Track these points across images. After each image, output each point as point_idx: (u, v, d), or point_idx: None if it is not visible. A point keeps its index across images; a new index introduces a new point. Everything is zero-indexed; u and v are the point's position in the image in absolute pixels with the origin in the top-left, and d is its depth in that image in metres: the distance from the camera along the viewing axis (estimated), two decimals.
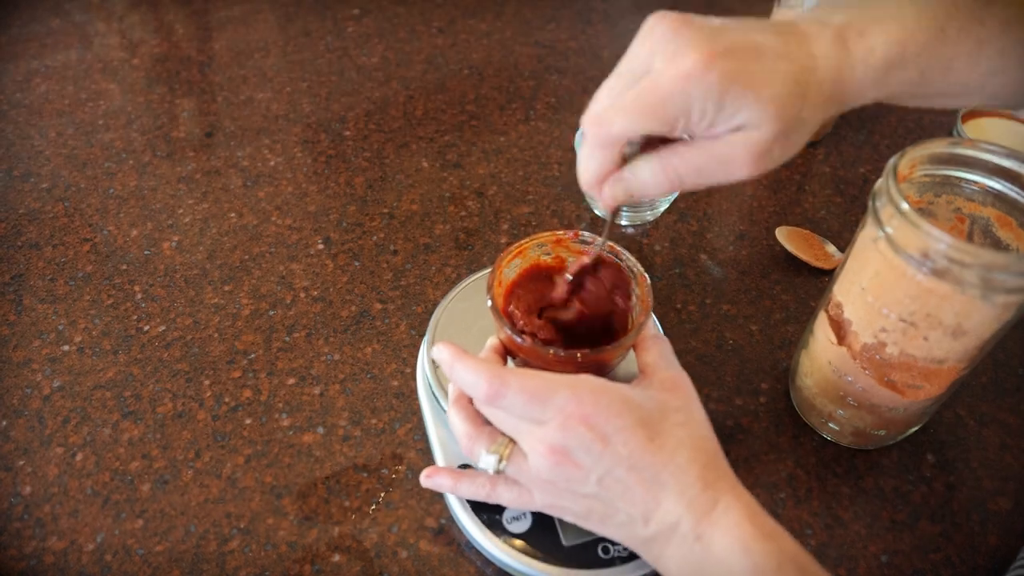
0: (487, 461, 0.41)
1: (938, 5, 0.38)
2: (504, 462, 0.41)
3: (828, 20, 0.37)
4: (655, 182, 0.38)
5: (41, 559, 0.47)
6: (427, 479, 0.46)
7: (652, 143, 0.39)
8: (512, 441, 0.41)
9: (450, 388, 0.45)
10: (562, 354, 0.43)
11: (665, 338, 0.46)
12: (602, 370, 0.46)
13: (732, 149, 0.36)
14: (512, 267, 0.49)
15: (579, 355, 0.43)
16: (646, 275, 0.47)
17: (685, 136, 0.38)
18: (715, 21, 0.36)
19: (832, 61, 0.37)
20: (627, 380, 0.44)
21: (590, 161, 0.39)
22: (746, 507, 0.37)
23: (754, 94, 0.34)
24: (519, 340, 0.43)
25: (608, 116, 0.36)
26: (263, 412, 0.55)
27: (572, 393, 0.38)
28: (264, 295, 0.63)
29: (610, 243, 0.49)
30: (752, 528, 0.36)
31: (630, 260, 0.48)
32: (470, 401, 0.44)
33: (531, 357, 0.44)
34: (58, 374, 0.57)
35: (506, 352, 0.46)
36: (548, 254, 0.50)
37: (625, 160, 0.39)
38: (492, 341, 0.46)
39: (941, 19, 0.37)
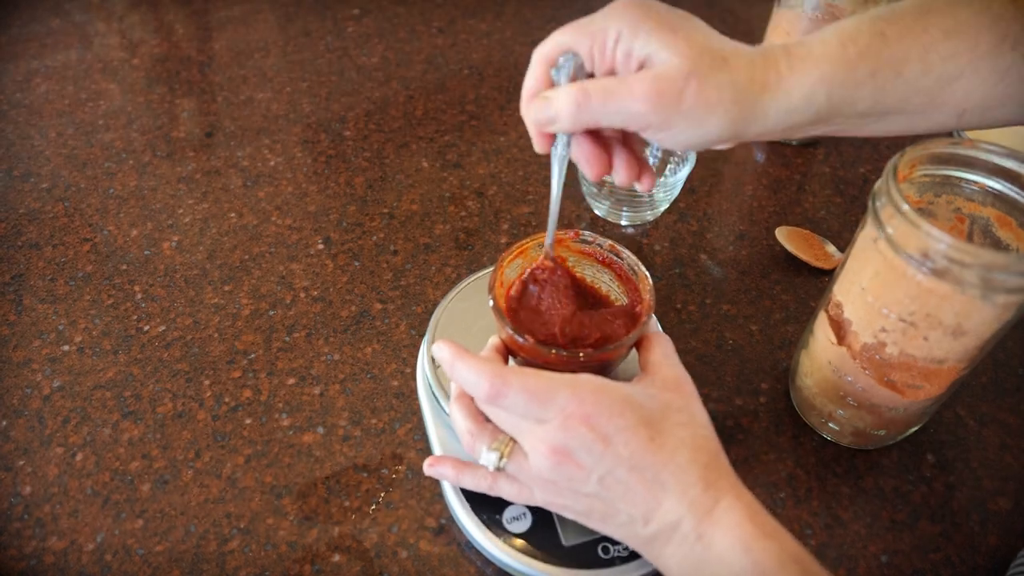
0: (488, 459, 0.41)
1: (876, 17, 0.40)
2: (505, 460, 0.41)
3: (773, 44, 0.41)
4: (566, 98, 0.40)
5: (41, 559, 0.47)
6: (430, 467, 0.46)
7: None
8: (513, 439, 0.41)
9: (452, 386, 0.46)
10: (564, 354, 0.43)
11: (667, 337, 0.46)
12: (604, 369, 0.46)
13: (642, 79, 0.38)
14: (513, 267, 0.49)
15: (581, 354, 0.43)
16: (647, 274, 0.47)
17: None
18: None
19: (767, 54, 0.39)
20: (629, 380, 0.44)
21: (527, 79, 0.42)
22: (747, 507, 0.37)
23: (671, 31, 0.38)
24: (520, 340, 0.43)
25: (548, 36, 0.41)
26: (263, 412, 0.55)
27: (573, 393, 0.38)
28: (264, 295, 0.63)
29: (611, 242, 0.49)
30: (753, 527, 0.36)
31: (631, 259, 0.48)
32: (472, 399, 0.44)
33: (532, 356, 0.44)
34: (58, 374, 0.57)
35: (507, 351, 0.46)
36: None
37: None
38: (493, 340, 0.46)
39: (880, 26, 0.40)
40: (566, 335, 0.47)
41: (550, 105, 0.40)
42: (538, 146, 0.43)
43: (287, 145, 0.78)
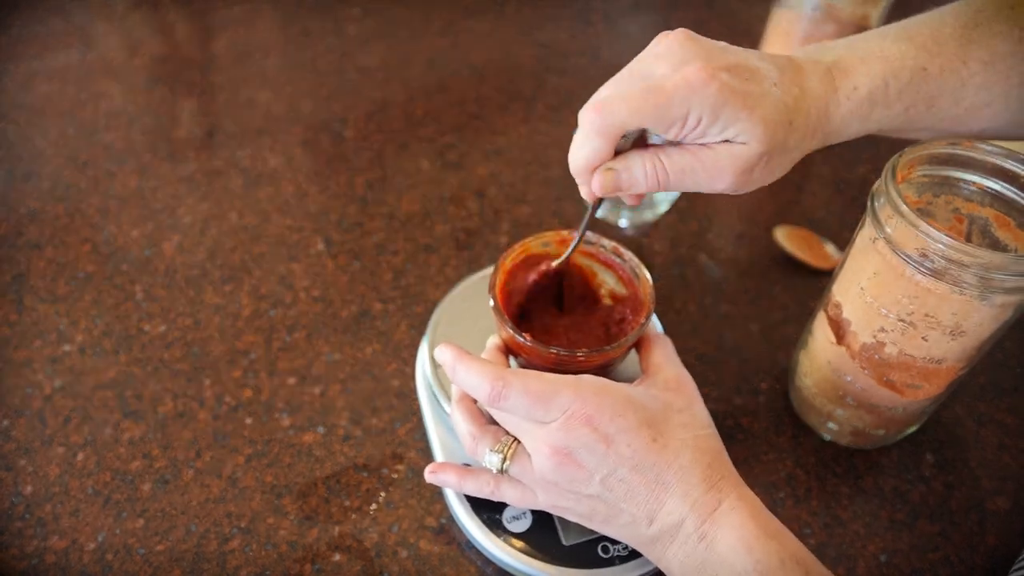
0: (491, 461, 0.41)
1: (921, 46, 0.40)
2: (508, 462, 0.41)
3: (820, 58, 0.41)
4: (643, 176, 0.39)
5: (42, 558, 0.47)
6: (431, 475, 0.46)
7: (640, 144, 0.41)
8: (516, 441, 0.41)
9: (453, 387, 0.46)
10: (564, 353, 0.43)
11: (668, 338, 0.46)
12: (604, 369, 0.46)
13: (718, 159, 0.38)
14: (515, 266, 0.49)
15: (581, 354, 0.43)
16: (648, 276, 0.47)
17: (675, 140, 0.39)
18: (719, 43, 0.39)
19: (820, 95, 0.39)
20: (630, 380, 0.44)
21: (584, 147, 0.39)
22: (750, 507, 0.37)
23: (747, 112, 0.37)
24: (521, 340, 0.43)
25: (613, 105, 0.37)
26: (263, 412, 0.55)
27: (575, 394, 0.38)
28: (264, 295, 0.63)
29: (614, 243, 0.49)
30: (756, 527, 0.36)
31: (633, 260, 0.48)
32: (473, 400, 0.44)
33: (533, 356, 0.45)
34: (59, 374, 0.57)
35: (508, 352, 0.46)
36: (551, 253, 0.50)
37: (616, 153, 0.40)
38: (494, 340, 0.46)
39: (923, 59, 0.40)
40: (567, 335, 0.47)
41: (620, 178, 0.40)
42: (587, 196, 0.42)
43: (288, 145, 0.78)
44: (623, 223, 0.70)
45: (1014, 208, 0.44)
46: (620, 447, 0.38)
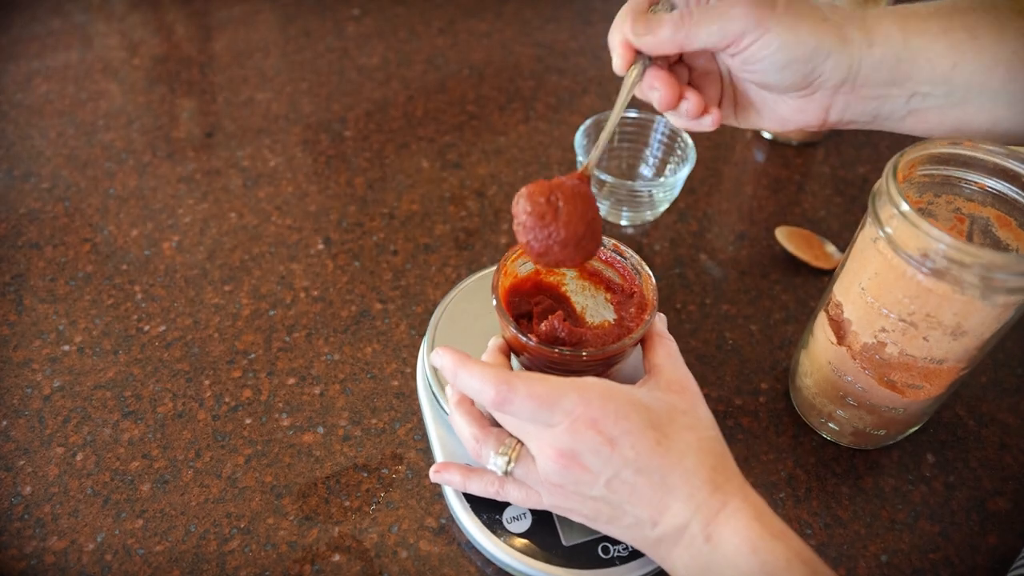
0: (495, 463, 0.41)
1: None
2: (512, 464, 0.41)
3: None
4: (669, 16, 0.41)
5: (42, 559, 0.47)
6: (436, 474, 0.46)
7: None
8: (520, 442, 0.41)
9: (448, 389, 0.45)
10: (568, 353, 0.43)
11: (671, 338, 0.46)
12: (608, 367, 0.46)
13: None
14: (517, 266, 0.49)
15: (584, 354, 0.43)
16: (651, 274, 0.47)
17: None
18: None
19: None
20: (632, 380, 0.44)
21: (631, 2, 0.43)
22: (754, 508, 0.37)
23: None
24: (524, 339, 0.43)
25: None
26: (263, 412, 0.55)
27: (580, 397, 0.38)
28: (264, 295, 0.63)
29: (614, 241, 0.49)
30: (761, 528, 0.36)
31: (634, 258, 0.48)
32: (472, 402, 0.44)
33: (536, 355, 0.44)
34: (58, 374, 0.57)
35: (511, 351, 0.46)
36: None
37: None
38: (496, 341, 0.46)
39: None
40: (570, 334, 0.47)
41: (650, 21, 0.41)
42: (619, 65, 0.43)
43: (287, 145, 0.78)
44: (623, 223, 0.70)
45: (1015, 208, 0.44)
46: (624, 449, 0.38)
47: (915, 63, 0.41)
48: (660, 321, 0.46)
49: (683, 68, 0.46)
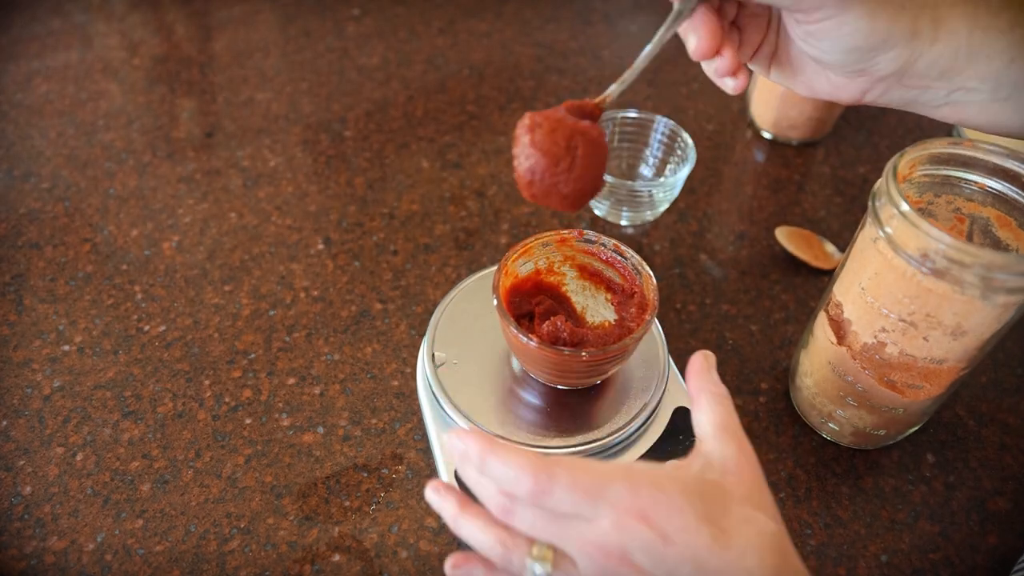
0: (534, 570, 0.35)
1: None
2: (551, 568, 0.35)
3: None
4: None
5: (42, 559, 0.47)
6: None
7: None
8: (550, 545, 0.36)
9: (431, 484, 0.38)
10: (568, 353, 0.43)
11: (727, 392, 0.39)
12: (607, 368, 0.46)
13: None
14: (517, 266, 0.49)
15: (584, 354, 0.43)
16: (651, 274, 0.47)
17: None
18: None
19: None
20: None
21: None
22: None
23: None
24: (525, 340, 0.43)
25: None
26: (263, 412, 0.55)
27: (628, 486, 0.34)
28: (264, 295, 0.63)
29: (615, 241, 0.49)
30: None
31: (635, 258, 0.48)
32: (478, 503, 0.37)
33: (537, 356, 0.44)
34: (58, 374, 0.57)
35: (511, 351, 0.46)
36: (554, 252, 0.50)
37: None
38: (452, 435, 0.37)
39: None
40: (571, 334, 0.47)
41: None
42: None
43: (287, 145, 0.78)
44: (623, 223, 0.70)
45: (1015, 208, 0.44)
46: (679, 548, 0.33)
47: (971, 59, 0.39)
48: (708, 365, 0.39)
49: (732, 3, 0.42)
